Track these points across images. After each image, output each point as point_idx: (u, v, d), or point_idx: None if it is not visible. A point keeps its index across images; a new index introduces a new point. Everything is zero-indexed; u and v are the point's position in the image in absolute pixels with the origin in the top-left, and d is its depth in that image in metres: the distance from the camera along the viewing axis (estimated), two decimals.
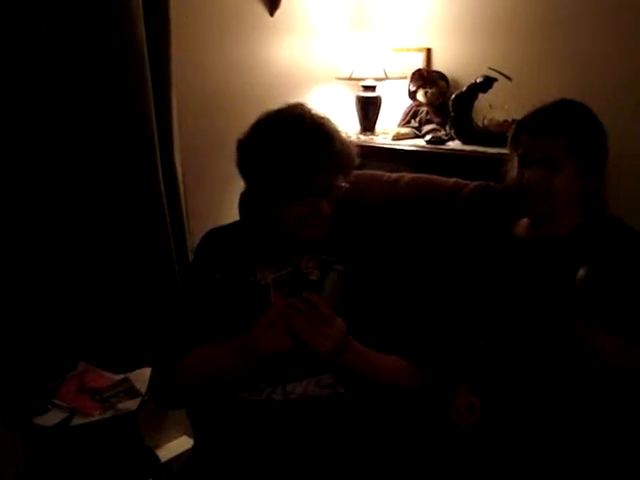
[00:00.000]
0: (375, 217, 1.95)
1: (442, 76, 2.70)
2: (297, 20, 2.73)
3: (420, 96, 2.72)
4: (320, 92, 2.84)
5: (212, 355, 1.54)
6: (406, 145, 2.61)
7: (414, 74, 2.73)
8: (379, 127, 2.81)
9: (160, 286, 2.22)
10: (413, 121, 2.76)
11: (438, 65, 2.77)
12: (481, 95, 2.46)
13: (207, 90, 2.43)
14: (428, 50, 2.79)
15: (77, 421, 1.89)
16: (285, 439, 1.49)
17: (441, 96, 2.68)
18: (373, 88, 2.78)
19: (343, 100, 2.91)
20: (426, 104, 2.72)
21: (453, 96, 2.52)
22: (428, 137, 2.57)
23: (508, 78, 2.36)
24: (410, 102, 2.79)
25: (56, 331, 2.08)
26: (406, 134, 2.69)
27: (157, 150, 2.14)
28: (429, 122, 2.69)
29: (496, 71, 2.38)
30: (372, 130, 2.80)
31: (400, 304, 1.67)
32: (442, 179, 2.01)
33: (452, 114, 2.52)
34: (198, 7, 2.36)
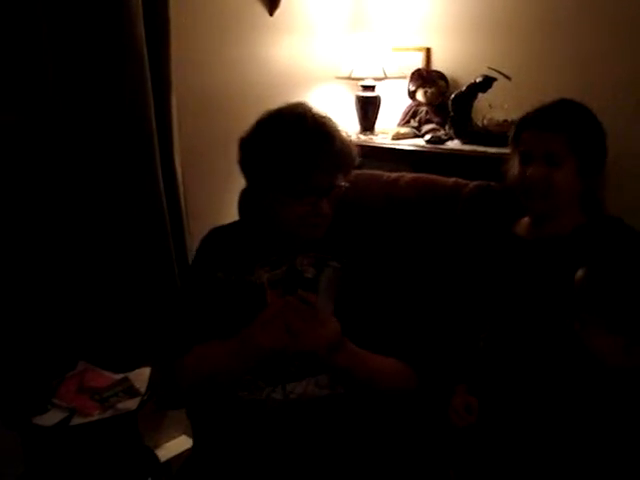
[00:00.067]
0: (375, 217, 1.95)
1: (441, 76, 2.70)
2: (297, 20, 2.73)
3: (419, 96, 2.72)
4: (319, 92, 2.84)
5: (211, 354, 1.54)
6: (406, 145, 2.61)
7: (413, 74, 2.73)
8: (378, 127, 2.81)
9: (159, 286, 2.22)
10: (412, 121, 2.76)
11: (437, 65, 2.77)
12: (480, 95, 2.46)
13: (207, 90, 2.43)
14: (427, 50, 2.79)
15: (76, 421, 1.89)
16: (285, 439, 1.49)
17: (440, 96, 2.68)
18: (372, 88, 2.78)
19: (342, 100, 2.91)
20: (425, 104, 2.72)
21: (452, 96, 2.52)
22: (428, 137, 2.57)
23: (507, 78, 2.36)
24: (409, 102, 2.80)
25: (55, 330, 2.08)
26: (405, 134, 2.69)
27: (157, 150, 2.14)
28: (428, 122, 2.69)
29: (496, 71, 2.38)
30: (371, 130, 2.80)
31: (398, 304, 1.67)
32: (442, 179, 2.01)
33: (451, 114, 2.52)
34: (198, 7, 2.36)
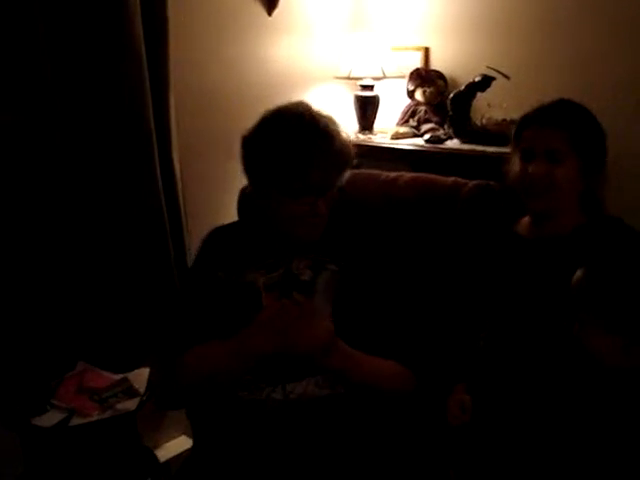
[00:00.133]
0: (373, 216, 1.95)
1: (440, 75, 2.70)
2: (295, 19, 2.73)
3: (418, 95, 2.72)
4: (318, 91, 2.83)
5: (212, 353, 1.54)
6: (404, 144, 2.61)
7: (412, 73, 2.73)
8: (377, 126, 2.81)
9: (158, 285, 2.22)
10: (411, 120, 2.76)
11: (436, 64, 2.76)
12: (479, 94, 2.46)
13: (205, 89, 2.43)
14: (426, 49, 2.79)
15: (76, 421, 1.88)
16: (284, 439, 1.49)
17: (439, 95, 2.67)
18: (371, 87, 2.78)
19: (341, 99, 2.90)
20: (424, 103, 2.71)
21: (451, 95, 2.52)
22: (426, 136, 2.57)
23: (506, 77, 2.36)
24: (408, 101, 2.79)
25: (54, 331, 2.08)
26: (404, 133, 2.69)
27: (155, 149, 2.13)
28: (427, 121, 2.69)
29: (494, 70, 2.38)
30: (370, 129, 2.80)
31: (397, 305, 1.67)
32: (441, 178, 2.01)
33: (450, 113, 2.52)
34: (196, 6, 2.36)
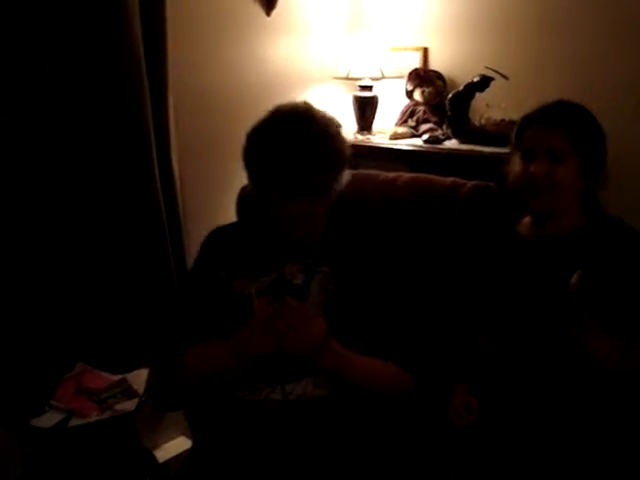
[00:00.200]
0: (372, 217, 1.95)
1: (439, 75, 2.70)
2: (294, 20, 2.73)
3: (417, 95, 2.71)
4: (317, 92, 2.83)
5: (211, 353, 1.55)
6: (403, 145, 2.61)
7: (411, 73, 2.73)
8: (376, 127, 2.81)
9: (157, 286, 2.21)
10: (410, 120, 2.76)
11: (435, 64, 2.76)
12: (478, 94, 2.46)
13: (204, 90, 2.43)
14: (425, 49, 2.79)
15: (74, 422, 1.88)
16: (284, 440, 1.49)
17: (438, 95, 2.67)
18: (370, 88, 2.78)
19: (340, 100, 2.90)
20: (423, 103, 2.71)
21: (450, 95, 2.52)
22: (425, 136, 2.57)
23: (505, 77, 2.36)
24: (407, 101, 2.79)
25: (53, 332, 2.08)
26: (403, 133, 2.69)
27: (153, 149, 2.13)
28: (426, 121, 2.69)
29: (493, 70, 2.38)
30: (369, 130, 2.80)
31: (396, 306, 1.66)
32: (439, 179, 2.01)
33: (449, 113, 2.52)
34: (194, 7, 2.35)
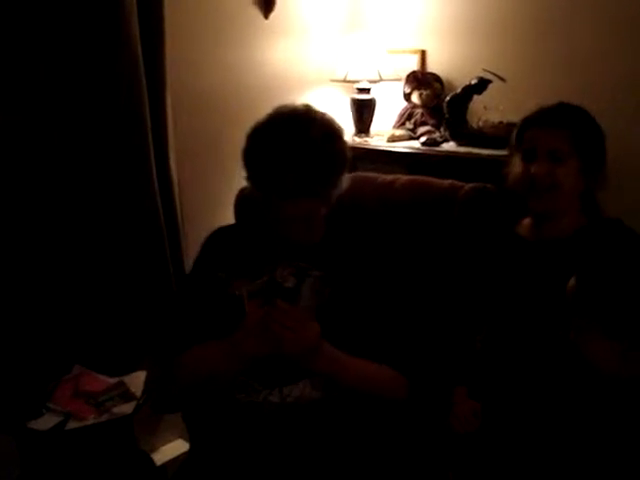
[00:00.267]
0: (370, 219, 1.94)
1: (437, 78, 2.70)
2: (291, 22, 2.73)
3: (415, 98, 2.72)
4: (315, 94, 2.83)
5: (207, 354, 1.55)
6: (401, 147, 2.61)
7: (409, 76, 2.73)
8: (374, 129, 2.81)
9: (155, 288, 2.21)
10: (408, 123, 2.77)
11: (433, 67, 2.77)
12: (476, 97, 2.46)
13: (202, 91, 2.43)
14: (422, 52, 2.79)
15: (72, 425, 1.88)
16: (282, 442, 1.49)
17: (436, 98, 2.68)
18: (368, 90, 2.78)
19: (338, 102, 2.90)
20: (421, 106, 2.72)
21: (448, 98, 2.52)
22: (423, 139, 2.57)
23: (502, 80, 2.36)
24: (405, 104, 2.80)
25: (51, 334, 2.07)
26: (401, 136, 2.69)
27: (151, 150, 2.13)
28: (424, 124, 2.69)
29: (491, 73, 2.38)
30: (367, 132, 2.80)
31: (393, 309, 1.66)
32: (437, 181, 2.01)
33: (447, 116, 2.52)
34: (193, 8, 2.36)
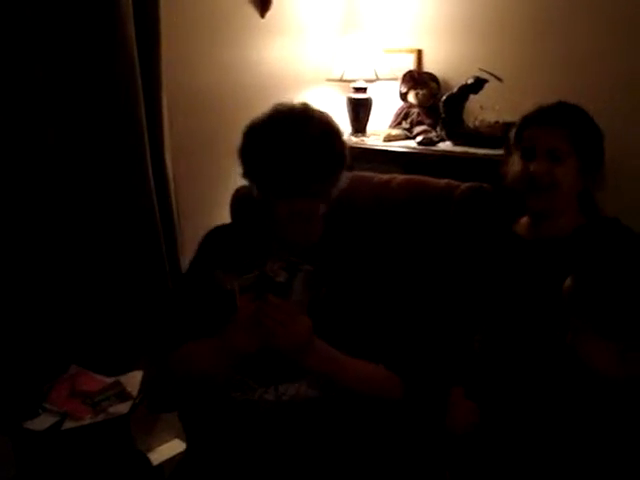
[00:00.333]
0: (366, 219, 1.94)
1: (433, 77, 2.70)
2: (288, 22, 2.73)
3: (411, 97, 2.72)
4: (311, 94, 2.83)
5: (199, 350, 1.56)
6: (397, 147, 2.62)
7: (405, 75, 2.73)
8: (370, 128, 2.81)
9: (151, 288, 2.21)
10: (404, 122, 2.77)
11: (429, 66, 2.77)
12: (472, 96, 2.47)
13: (198, 91, 2.43)
14: (419, 51, 2.80)
15: (68, 425, 1.88)
16: (277, 441, 1.49)
17: (432, 97, 2.68)
18: (364, 89, 2.78)
19: (334, 102, 2.90)
20: (417, 105, 2.72)
21: (444, 97, 2.52)
22: (419, 138, 2.57)
23: (499, 79, 2.37)
24: (401, 103, 2.80)
25: (47, 334, 2.07)
26: (397, 135, 2.69)
27: (147, 150, 2.13)
28: (420, 123, 2.70)
29: (487, 72, 2.38)
30: (363, 132, 2.80)
31: (389, 309, 1.65)
32: (433, 180, 2.01)
33: (443, 115, 2.53)
34: (188, 8, 2.35)
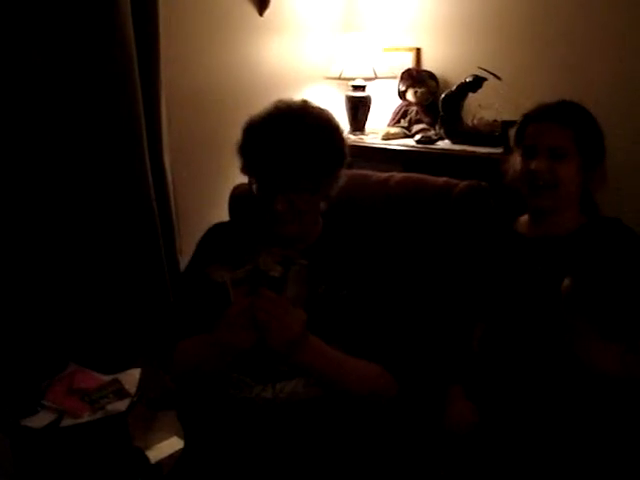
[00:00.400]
0: (364, 217, 1.94)
1: (432, 75, 2.70)
2: (287, 20, 2.73)
3: (410, 96, 2.72)
4: (310, 92, 2.83)
5: (196, 346, 1.56)
6: (396, 145, 2.62)
7: (404, 74, 2.73)
8: (369, 127, 2.82)
9: (149, 286, 2.21)
10: (403, 121, 2.77)
11: (428, 65, 2.77)
12: (471, 95, 2.47)
13: (196, 90, 2.43)
14: (418, 50, 2.80)
15: (66, 422, 1.88)
16: (275, 438, 1.49)
17: (431, 96, 2.68)
18: (363, 88, 2.78)
19: (333, 100, 2.91)
20: (416, 104, 2.72)
21: (443, 96, 2.53)
22: (418, 137, 2.57)
23: (498, 77, 2.37)
24: (400, 102, 2.80)
25: (45, 332, 2.07)
26: (396, 134, 2.69)
27: (146, 149, 2.13)
28: (419, 122, 2.70)
29: (486, 71, 2.39)
30: (362, 130, 2.80)
31: (387, 307, 1.64)
32: (432, 178, 2.01)
33: (442, 114, 2.53)
34: (187, 6, 2.35)
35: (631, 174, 2.21)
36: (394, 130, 2.72)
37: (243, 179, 1.67)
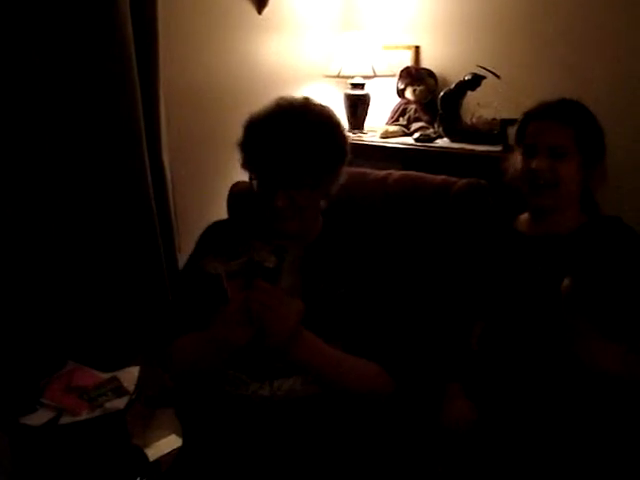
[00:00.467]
0: (363, 215, 1.95)
1: (430, 74, 2.71)
2: (285, 18, 2.73)
3: (408, 94, 2.72)
4: (309, 90, 2.83)
5: (193, 342, 1.56)
6: (395, 143, 2.62)
7: (402, 72, 2.74)
8: (368, 125, 2.82)
9: (148, 285, 2.21)
10: (401, 119, 2.77)
11: (427, 63, 2.77)
12: (469, 93, 2.47)
13: (195, 88, 2.43)
14: (417, 48, 2.80)
15: (65, 420, 1.88)
16: (272, 436, 1.49)
17: (429, 94, 2.68)
18: (362, 86, 2.78)
19: (332, 98, 2.91)
20: (414, 102, 2.72)
21: (441, 94, 2.53)
22: (416, 135, 2.58)
23: (497, 76, 2.37)
24: (399, 100, 2.80)
25: (44, 330, 2.07)
26: (394, 132, 2.69)
27: (145, 148, 2.13)
28: (417, 120, 2.70)
29: (485, 69, 2.39)
30: (361, 128, 2.80)
31: (385, 305, 1.64)
32: (430, 176, 2.01)
33: (440, 112, 2.53)
34: (186, 5, 2.35)
35: (631, 172, 2.22)
36: (393, 128, 2.72)
37: (242, 177, 1.67)
